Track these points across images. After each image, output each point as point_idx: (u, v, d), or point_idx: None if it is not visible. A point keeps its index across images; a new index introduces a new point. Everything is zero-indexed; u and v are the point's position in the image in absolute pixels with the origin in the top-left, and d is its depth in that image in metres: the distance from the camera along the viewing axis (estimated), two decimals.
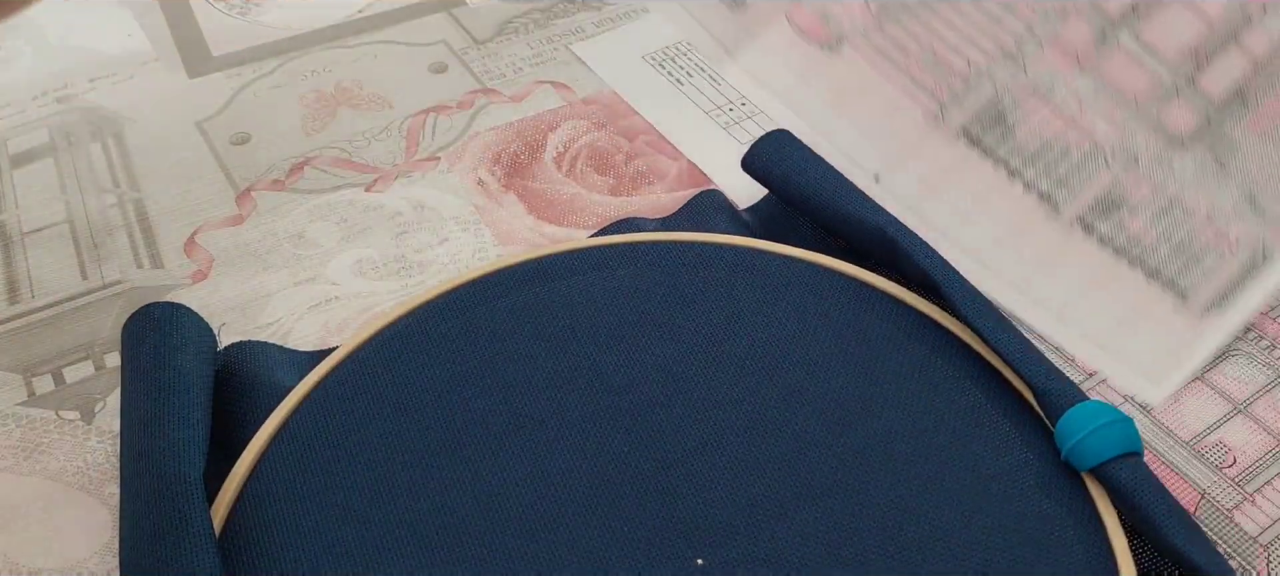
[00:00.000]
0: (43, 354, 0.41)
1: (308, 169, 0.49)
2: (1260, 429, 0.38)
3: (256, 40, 0.58)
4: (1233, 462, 0.37)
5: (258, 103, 0.53)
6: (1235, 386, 0.40)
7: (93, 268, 0.44)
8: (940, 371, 0.37)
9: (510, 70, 0.55)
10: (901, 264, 0.40)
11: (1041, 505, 0.34)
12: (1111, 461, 0.34)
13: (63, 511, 0.36)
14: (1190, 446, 0.38)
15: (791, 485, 0.34)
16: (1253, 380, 0.40)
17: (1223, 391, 0.39)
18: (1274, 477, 0.37)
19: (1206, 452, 0.38)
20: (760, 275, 0.40)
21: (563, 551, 0.33)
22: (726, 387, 0.37)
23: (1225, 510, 0.36)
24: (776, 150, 0.44)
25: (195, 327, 0.37)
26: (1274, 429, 0.38)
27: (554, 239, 0.45)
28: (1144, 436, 0.38)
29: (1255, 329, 0.40)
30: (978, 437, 0.36)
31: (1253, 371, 0.40)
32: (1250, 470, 0.37)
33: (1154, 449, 0.38)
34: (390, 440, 0.36)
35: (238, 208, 0.47)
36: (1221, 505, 0.36)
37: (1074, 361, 0.39)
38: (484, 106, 0.53)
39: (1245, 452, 0.38)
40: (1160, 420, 0.39)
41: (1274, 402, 0.39)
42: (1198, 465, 0.37)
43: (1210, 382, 0.40)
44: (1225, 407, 0.39)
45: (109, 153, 0.50)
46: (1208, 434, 0.38)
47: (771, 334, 0.39)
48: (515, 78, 0.55)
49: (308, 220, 0.47)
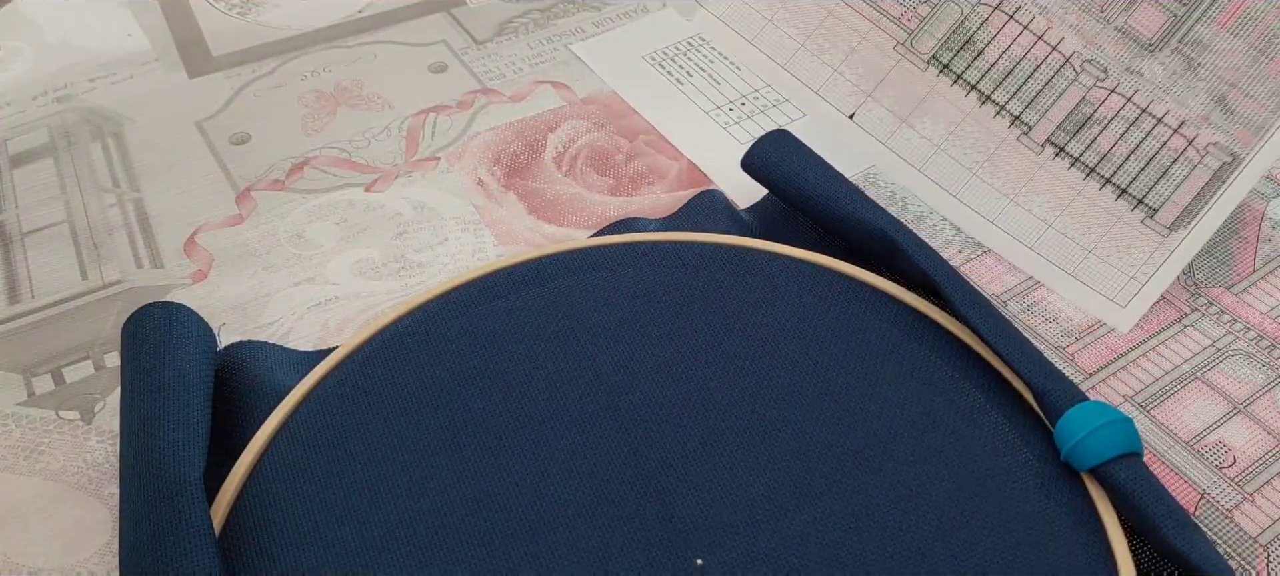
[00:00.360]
0: (43, 354, 0.41)
1: (308, 169, 0.49)
2: (1261, 429, 0.38)
3: (256, 40, 0.58)
4: (1233, 462, 0.37)
5: (258, 103, 0.53)
6: (1235, 386, 0.40)
7: (93, 268, 0.44)
8: (939, 371, 0.37)
9: (510, 70, 0.55)
10: (901, 264, 0.40)
11: (1041, 505, 0.34)
12: (1111, 462, 0.34)
13: (63, 511, 0.36)
14: (1190, 446, 0.38)
15: (791, 485, 0.34)
16: (1253, 380, 0.40)
17: (1223, 391, 0.39)
18: (1274, 478, 0.37)
19: (1206, 452, 0.38)
20: (760, 275, 0.40)
21: (562, 551, 0.33)
22: (726, 388, 0.37)
23: (1225, 510, 0.36)
24: (776, 150, 0.44)
25: (195, 327, 0.37)
26: (1274, 429, 0.38)
27: (554, 239, 0.45)
28: (1143, 436, 0.38)
29: (1256, 328, 0.40)
30: (977, 438, 0.36)
31: (1253, 371, 0.40)
32: (1250, 470, 0.37)
33: (1153, 448, 0.38)
34: (390, 440, 0.36)
35: (238, 207, 0.47)
36: (1221, 505, 0.36)
37: (1042, 285, 0.39)
38: (484, 106, 0.53)
39: (1245, 453, 0.38)
40: (1160, 419, 0.39)
41: (1274, 402, 0.39)
42: (1198, 465, 0.37)
43: (1210, 382, 0.40)
44: (1225, 408, 0.39)
45: (109, 152, 0.50)
46: (1207, 433, 0.38)
47: (771, 334, 0.39)
48: (515, 78, 0.55)
49: (308, 220, 0.47)
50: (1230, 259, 0.43)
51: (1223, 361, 0.40)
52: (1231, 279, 0.42)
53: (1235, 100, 0.37)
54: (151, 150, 0.50)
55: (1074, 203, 0.36)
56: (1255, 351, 0.41)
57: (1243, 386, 0.40)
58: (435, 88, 0.54)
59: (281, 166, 0.49)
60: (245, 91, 0.54)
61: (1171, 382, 0.40)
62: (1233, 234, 0.43)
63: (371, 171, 0.49)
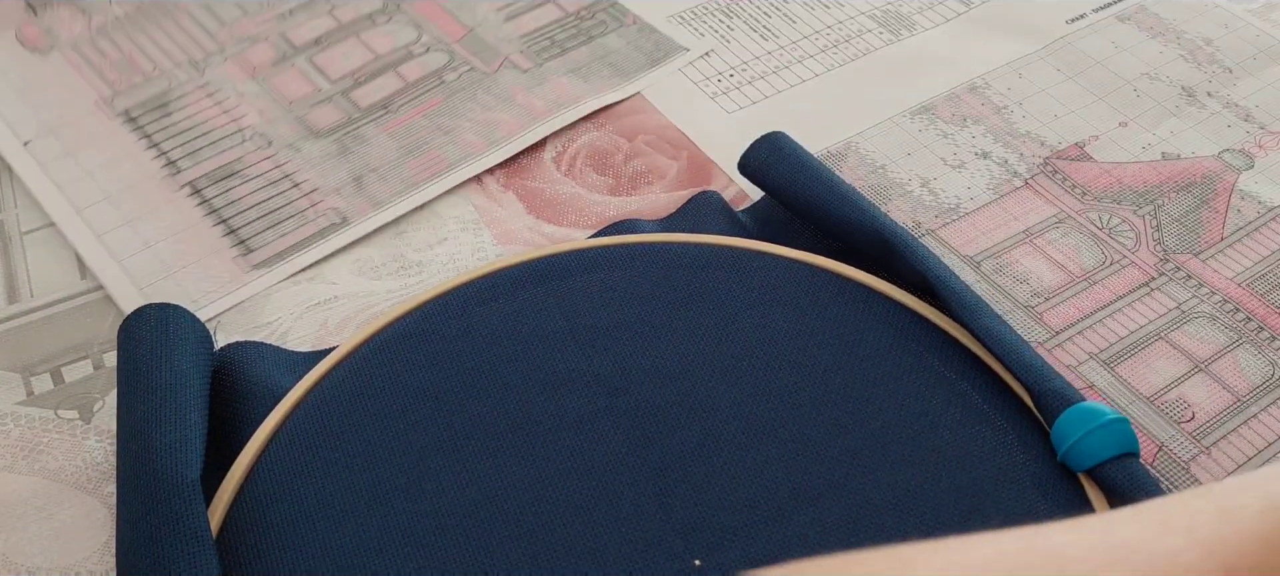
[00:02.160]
0: (41, 353, 0.41)
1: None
2: (1220, 387, 0.39)
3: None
4: (1191, 418, 0.38)
5: None
6: (1198, 346, 0.40)
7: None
8: (936, 372, 0.37)
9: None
10: (897, 265, 0.40)
11: (1038, 506, 0.34)
12: (1108, 462, 0.34)
13: (61, 511, 0.36)
14: (1151, 401, 0.39)
15: (789, 487, 0.34)
16: (1216, 341, 0.41)
17: (1186, 351, 0.40)
18: (1230, 433, 0.38)
19: (1166, 408, 0.39)
20: (757, 277, 0.40)
21: (560, 552, 0.33)
22: (724, 389, 0.37)
23: (1182, 462, 0.37)
24: (772, 153, 0.44)
25: (192, 328, 0.37)
26: (1234, 387, 0.39)
27: (553, 239, 0.45)
28: (1106, 392, 0.39)
29: (1222, 293, 0.42)
30: (974, 439, 0.36)
31: (1216, 333, 0.41)
32: (1208, 425, 0.38)
33: (1115, 403, 0.39)
34: (388, 441, 0.36)
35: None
36: (1178, 457, 0.37)
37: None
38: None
39: (1204, 409, 0.39)
40: (1123, 376, 0.39)
41: (1235, 363, 0.40)
42: (1157, 419, 0.38)
43: (1174, 342, 0.41)
44: (1187, 366, 0.40)
45: None
46: (1168, 390, 0.39)
47: (768, 335, 0.39)
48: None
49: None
50: (1199, 227, 0.44)
51: (1187, 323, 0.41)
52: (1200, 246, 0.44)
53: (369, 181, 0.46)
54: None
55: (189, 229, 0.43)
56: (1219, 314, 0.41)
57: (1205, 346, 0.40)
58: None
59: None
60: None
61: (1136, 342, 0.41)
62: (1203, 204, 0.45)
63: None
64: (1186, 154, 0.47)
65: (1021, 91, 0.51)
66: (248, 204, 0.45)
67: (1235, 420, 0.38)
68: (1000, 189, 0.46)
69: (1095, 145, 0.48)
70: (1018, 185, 0.46)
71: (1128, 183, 0.46)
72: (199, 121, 0.48)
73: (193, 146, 0.47)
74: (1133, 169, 0.47)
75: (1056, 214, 0.45)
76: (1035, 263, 0.43)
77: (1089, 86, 0.51)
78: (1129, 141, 0.48)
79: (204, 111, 0.48)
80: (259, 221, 0.44)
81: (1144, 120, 0.49)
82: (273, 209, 0.44)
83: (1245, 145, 0.48)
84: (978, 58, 0.52)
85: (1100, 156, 0.47)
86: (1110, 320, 0.41)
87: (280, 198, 0.45)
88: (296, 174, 0.46)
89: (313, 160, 0.46)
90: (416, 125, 0.48)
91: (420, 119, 0.48)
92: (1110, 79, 0.51)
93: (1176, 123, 0.49)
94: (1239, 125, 0.49)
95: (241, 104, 0.48)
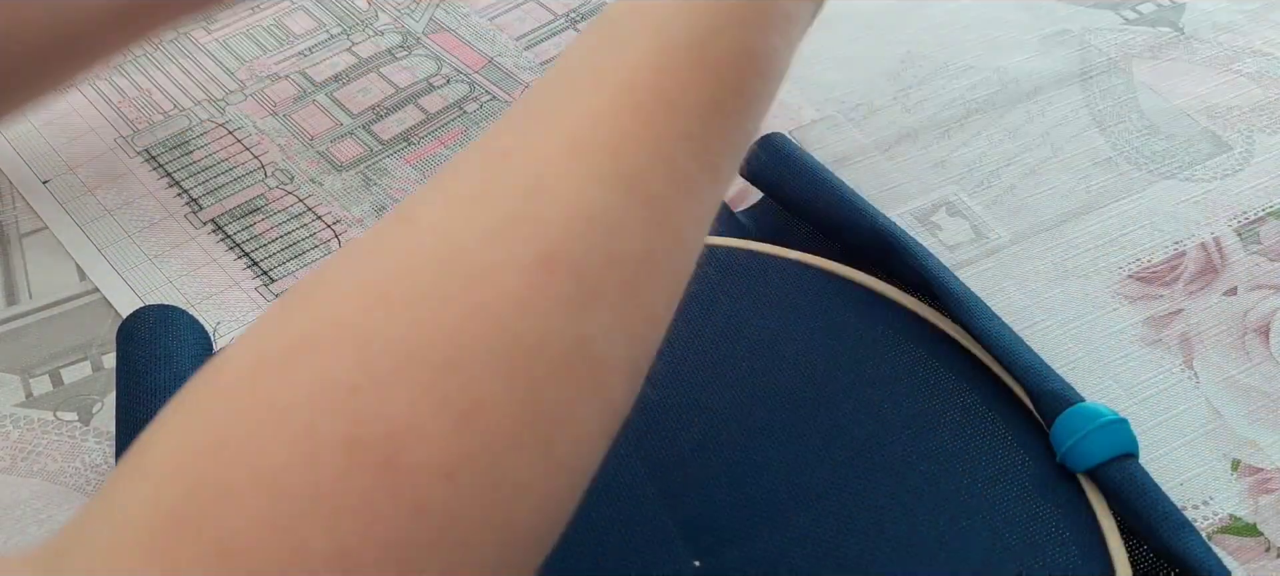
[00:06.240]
0: (40, 355, 0.41)
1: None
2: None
3: None
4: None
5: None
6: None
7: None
8: (936, 373, 0.37)
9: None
10: (897, 266, 0.40)
11: (1038, 506, 0.34)
12: (1108, 463, 0.34)
13: (60, 512, 0.36)
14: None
15: (788, 488, 0.34)
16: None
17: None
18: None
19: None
20: (756, 277, 0.40)
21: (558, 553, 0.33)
22: (723, 390, 0.37)
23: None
24: (772, 154, 0.44)
25: (190, 329, 0.37)
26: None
27: None
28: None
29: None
30: (974, 439, 0.36)
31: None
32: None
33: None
34: None
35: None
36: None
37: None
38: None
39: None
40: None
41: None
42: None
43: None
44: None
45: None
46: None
47: (768, 336, 0.39)
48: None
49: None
50: None
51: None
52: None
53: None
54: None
55: (207, 261, 0.44)
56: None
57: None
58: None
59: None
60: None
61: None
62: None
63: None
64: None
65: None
66: (270, 237, 0.45)
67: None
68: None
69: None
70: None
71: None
72: (221, 159, 0.48)
73: (214, 183, 0.47)
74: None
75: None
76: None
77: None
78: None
79: (225, 149, 0.48)
80: (282, 254, 0.44)
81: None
82: (295, 240, 0.45)
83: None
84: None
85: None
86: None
87: (303, 229, 0.45)
88: (319, 207, 0.46)
89: (335, 193, 0.46)
90: (439, 156, 0.48)
91: (442, 150, 0.48)
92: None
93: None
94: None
95: (262, 141, 0.49)
